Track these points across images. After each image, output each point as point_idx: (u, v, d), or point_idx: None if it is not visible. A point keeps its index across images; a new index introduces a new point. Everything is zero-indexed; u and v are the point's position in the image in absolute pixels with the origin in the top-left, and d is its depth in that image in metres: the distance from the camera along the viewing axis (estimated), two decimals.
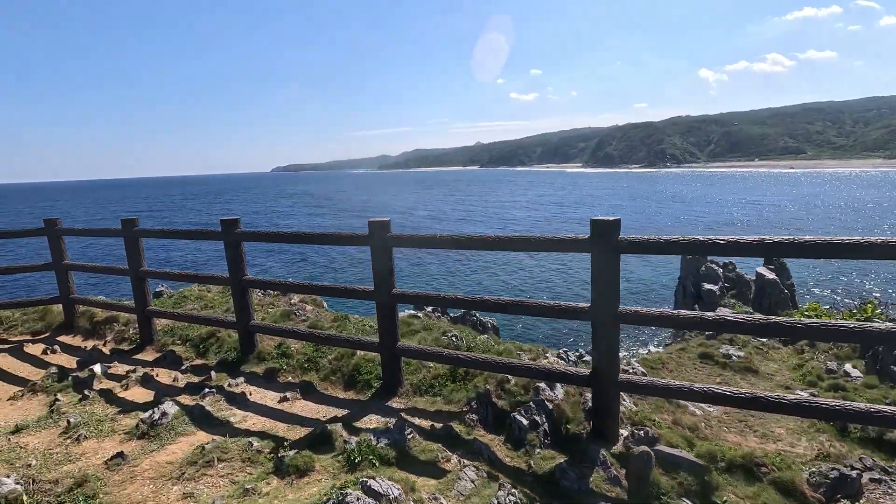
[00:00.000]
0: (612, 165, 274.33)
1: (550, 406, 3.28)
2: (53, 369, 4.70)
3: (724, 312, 6.75)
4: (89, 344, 5.86)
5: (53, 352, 5.63)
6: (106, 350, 5.61)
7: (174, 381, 4.57)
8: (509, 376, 3.61)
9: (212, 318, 5.23)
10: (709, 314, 3.15)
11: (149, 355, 5.31)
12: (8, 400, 4.44)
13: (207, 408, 3.87)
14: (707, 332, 6.53)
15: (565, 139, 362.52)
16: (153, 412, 3.66)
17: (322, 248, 33.02)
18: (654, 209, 57.70)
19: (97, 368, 4.80)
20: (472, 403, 3.39)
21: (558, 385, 3.47)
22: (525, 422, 3.13)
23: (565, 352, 4.69)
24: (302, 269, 29.03)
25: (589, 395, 3.37)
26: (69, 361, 5.38)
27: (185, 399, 4.09)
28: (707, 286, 9.40)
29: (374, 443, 2.97)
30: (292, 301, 6.30)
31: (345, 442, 3.09)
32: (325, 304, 7.01)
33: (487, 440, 3.18)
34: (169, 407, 3.75)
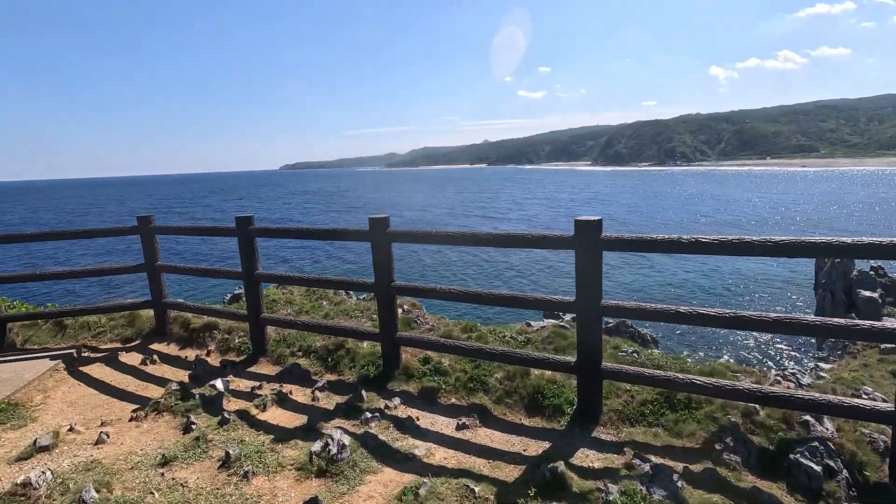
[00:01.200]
0: (622, 164, 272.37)
1: (832, 445, 2.69)
2: (174, 385, 4.17)
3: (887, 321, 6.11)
4: (188, 354, 5.33)
5: (153, 362, 5.11)
6: (212, 361, 5.08)
7: (313, 400, 4.03)
8: (757, 406, 3.02)
9: (351, 328, 4.57)
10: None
11: (266, 368, 4.78)
12: (130, 421, 3.91)
13: (381, 437, 3.32)
14: (877, 345, 5.92)
15: (574, 137, 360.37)
16: (328, 443, 3.11)
17: (342, 246, 32.79)
18: (670, 208, 56.71)
19: (218, 384, 4.27)
20: (727, 440, 2.81)
21: (825, 418, 2.88)
22: (816, 467, 2.55)
23: (791, 373, 4.06)
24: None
25: (871, 432, 2.78)
26: (175, 373, 4.86)
27: (344, 424, 3.55)
28: (865, 293, 8.50)
29: (645, 494, 2.40)
30: (405, 307, 5.74)
31: (599, 490, 2.52)
32: (423, 309, 6.48)
33: (767, 488, 2.60)
34: (341, 436, 3.20)
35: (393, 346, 4.16)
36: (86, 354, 5.37)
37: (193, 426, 3.65)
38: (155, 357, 5.16)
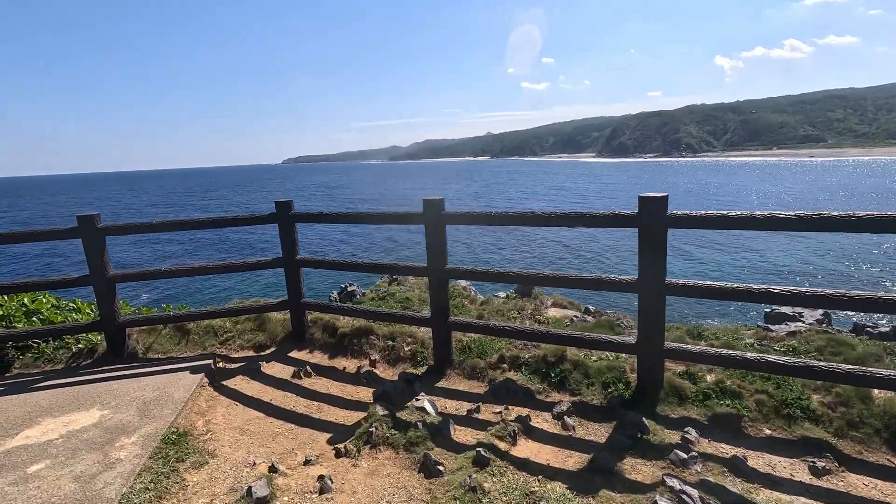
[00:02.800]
0: (627, 155, 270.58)
1: None
2: (381, 411, 3.31)
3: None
4: (344, 364, 4.48)
5: (307, 375, 4.26)
6: (382, 373, 4.23)
7: (565, 429, 3.17)
8: None
9: (601, 339, 3.59)
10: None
11: (463, 384, 3.92)
12: (338, 457, 3.06)
13: (730, 488, 2.46)
14: None
15: (578, 128, 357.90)
16: (683, 500, 2.26)
17: (367, 233, 32.45)
18: (693, 198, 55.59)
19: (427, 406, 3.41)
20: None
21: None
22: None
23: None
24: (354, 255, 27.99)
25: None
26: (343, 389, 4.02)
27: (649, 466, 2.69)
28: None
29: None
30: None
31: None
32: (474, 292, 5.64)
33: None
34: (684, 487, 2.35)
35: (657, 359, 3.29)
36: (220, 365, 4.53)
37: (440, 467, 2.80)
38: (308, 369, 4.31)
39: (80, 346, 4.67)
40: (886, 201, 45.56)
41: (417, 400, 3.48)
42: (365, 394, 3.93)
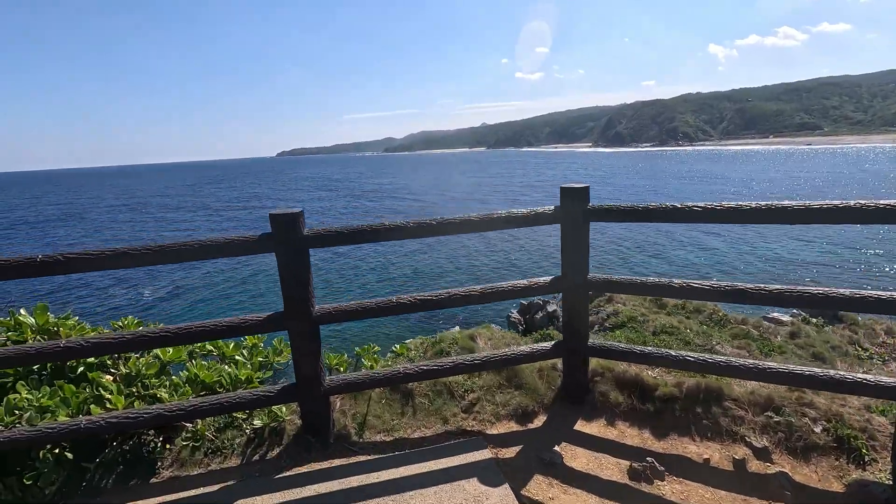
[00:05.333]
0: (623, 145, 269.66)
1: None
2: None
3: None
4: (688, 449, 2.77)
5: (657, 475, 2.55)
6: (799, 475, 2.53)
7: None
8: None
9: None
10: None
11: None
12: None
13: None
14: None
15: (573, 119, 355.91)
16: None
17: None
18: (702, 187, 54.05)
19: None
20: None
21: None
22: None
23: None
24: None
25: None
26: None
27: None
28: None
29: None
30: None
31: None
32: None
33: None
34: None
35: None
36: (495, 453, 2.80)
37: None
38: (654, 465, 2.60)
39: (256, 424, 2.91)
40: None
41: None
42: None
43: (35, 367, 2.96)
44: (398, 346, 3.75)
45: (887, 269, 19.05)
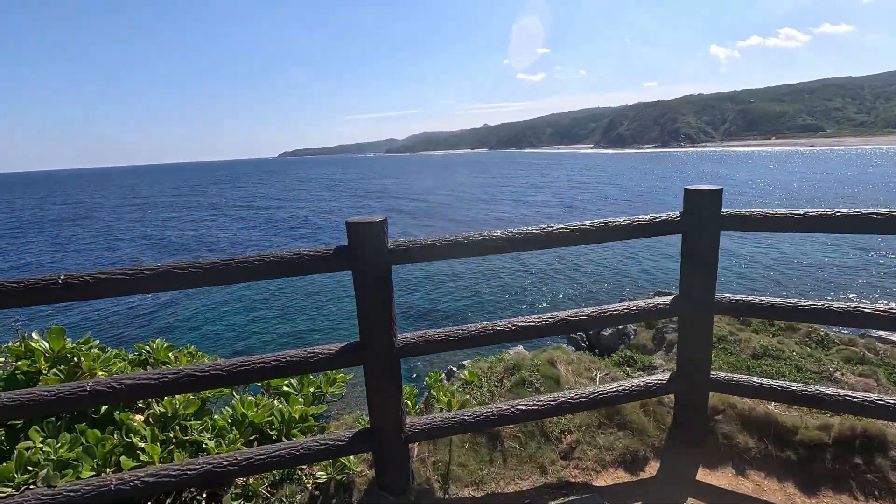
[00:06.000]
0: (625, 146, 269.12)
1: None
2: None
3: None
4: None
5: None
6: None
7: None
8: None
9: None
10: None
11: None
12: None
13: None
14: None
15: (575, 120, 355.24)
16: None
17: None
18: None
19: None
20: None
21: None
22: None
23: None
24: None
25: None
26: None
27: None
28: None
29: None
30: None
31: None
32: None
33: None
34: None
35: None
36: None
37: None
38: None
39: (319, 477, 2.40)
40: None
41: None
42: None
43: None
44: (466, 373, 3.23)
45: None
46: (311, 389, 2.95)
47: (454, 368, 3.36)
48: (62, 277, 1.83)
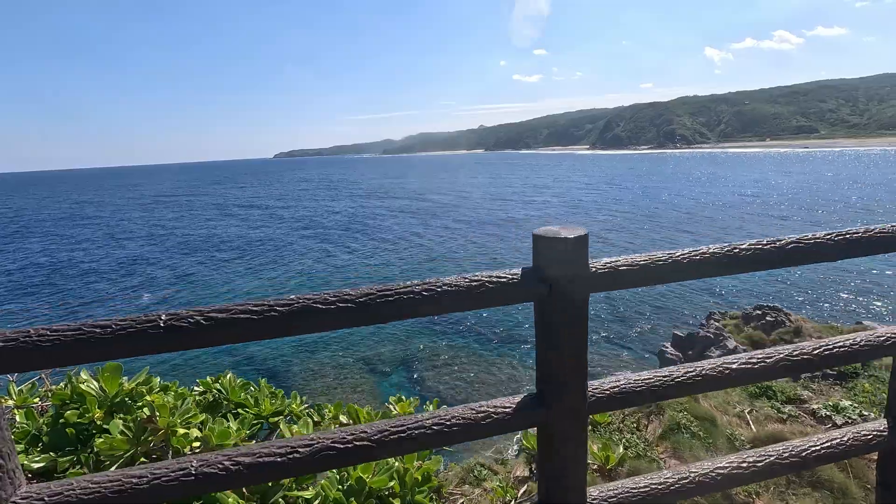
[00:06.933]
0: (621, 147, 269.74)
1: None
2: None
3: None
4: None
5: None
6: None
7: None
8: None
9: None
10: None
11: None
12: None
13: None
14: None
15: (572, 121, 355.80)
16: None
17: None
18: (727, 193, 53.30)
19: None
20: None
21: None
22: None
23: None
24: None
25: None
26: None
27: None
28: None
29: None
30: None
31: None
32: None
33: None
34: None
35: None
36: None
37: None
38: None
39: None
40: None
41: None
42: None
43: None
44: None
45: None
46: None
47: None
48: (163, 318, 1.27)
